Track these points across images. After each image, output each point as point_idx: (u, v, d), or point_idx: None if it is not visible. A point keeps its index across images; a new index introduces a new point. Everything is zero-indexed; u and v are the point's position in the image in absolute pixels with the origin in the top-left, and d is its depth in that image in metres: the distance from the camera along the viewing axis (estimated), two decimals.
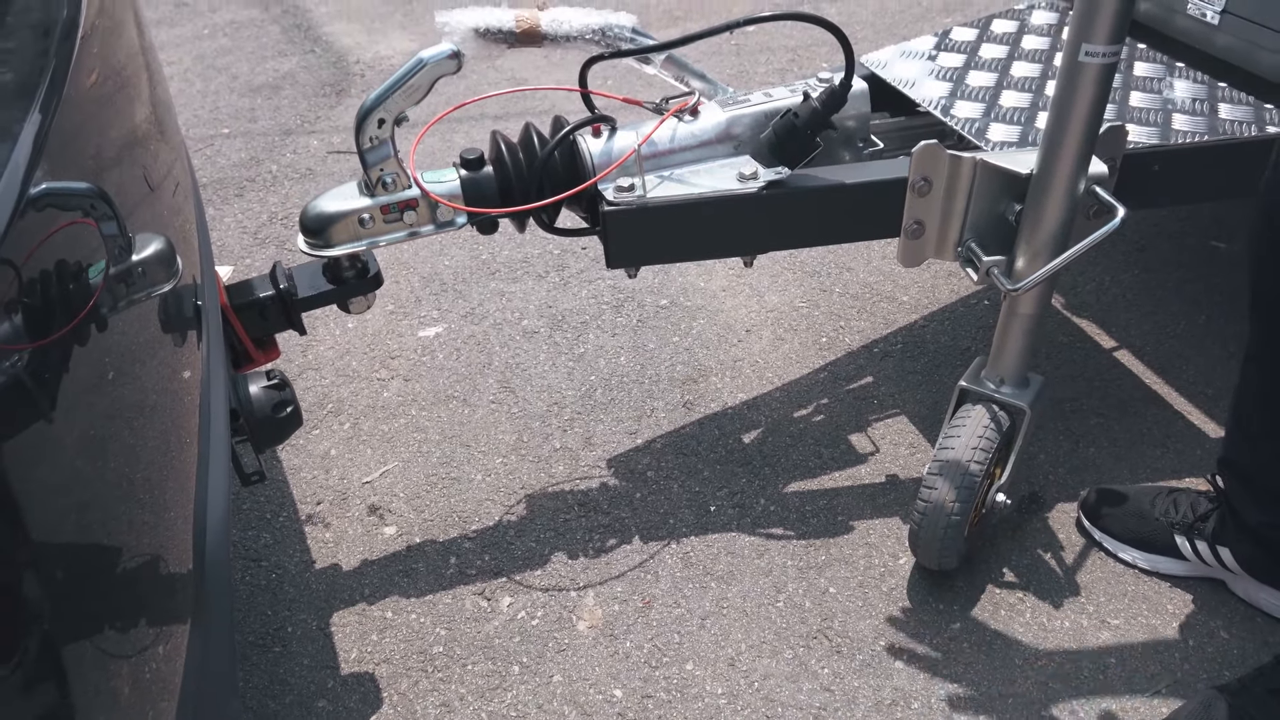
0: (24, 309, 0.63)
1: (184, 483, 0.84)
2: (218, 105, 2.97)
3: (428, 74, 1.17)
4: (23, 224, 0.63)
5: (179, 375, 0.91)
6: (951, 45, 1.66)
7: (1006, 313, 1.33)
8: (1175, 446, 1.67)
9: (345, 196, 1.25)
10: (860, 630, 1.41)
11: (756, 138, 1.33)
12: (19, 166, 0.65)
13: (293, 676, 1.39)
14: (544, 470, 1.69)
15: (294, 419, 1.23)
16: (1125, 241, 2.16)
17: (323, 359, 1.96)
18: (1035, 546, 1.51)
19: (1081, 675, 1.33)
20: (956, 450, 1.32)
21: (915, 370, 1.86)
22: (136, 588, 0.72)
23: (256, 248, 2.31)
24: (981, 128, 1.42)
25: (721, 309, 2.05)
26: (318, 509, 1.64)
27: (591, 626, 1.43)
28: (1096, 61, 1.08)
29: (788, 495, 1.62)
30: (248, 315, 1.32)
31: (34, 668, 0.58)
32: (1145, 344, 1.89)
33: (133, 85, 1.10)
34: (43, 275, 0.66)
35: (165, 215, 1.05)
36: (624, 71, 1.41)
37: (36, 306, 0.65)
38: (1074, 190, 1.19)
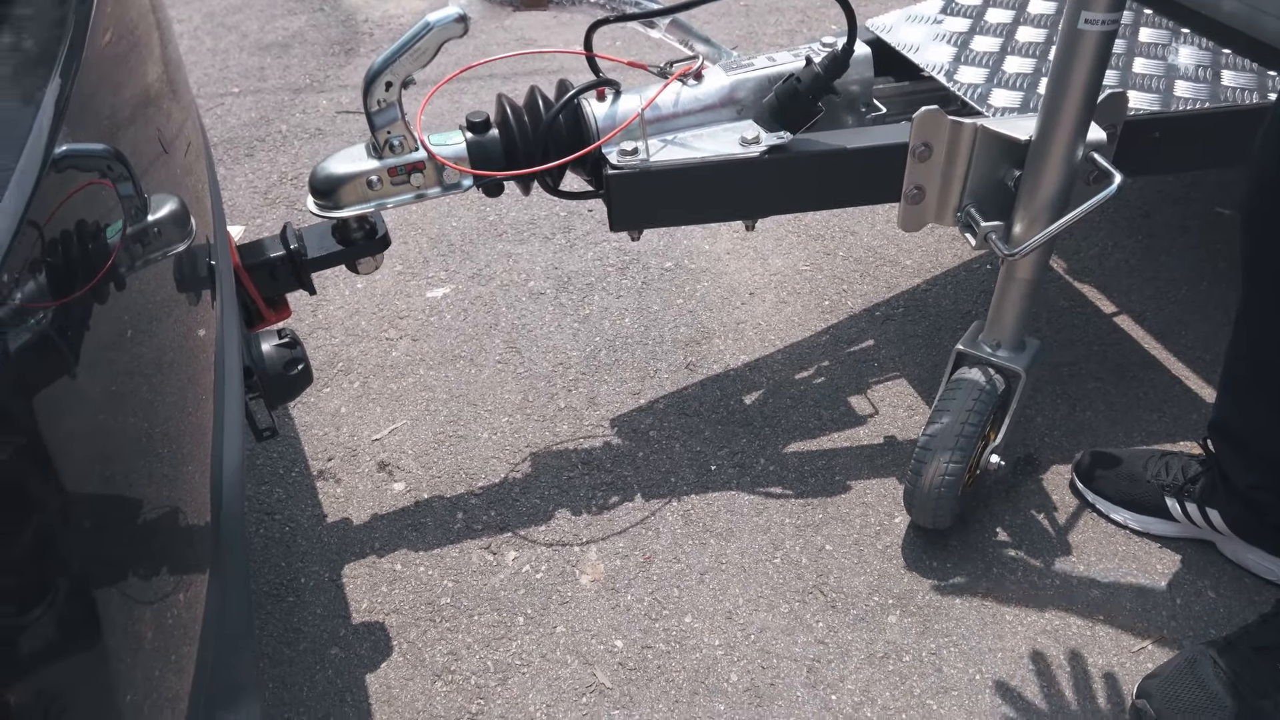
0: (47, 268, 0.65)
1: (201, 437, 0.87)
2: (227, 64, 2.98)
3: (434, 37, 1.19)
4: (47, 186, 0.66)
5: (194, 333, 0.94)
6: (958, 9, 1.66)
7: (1004, 277, 1.35)
8: (1171, 411, 1.69)
9: (353, 159, 1.27)
10: (855, 586, 1.44)
11: (759, 102, 1.35)
12: (43, 131, 0.68)
13: (306, 625, 1.44)
14: (549, 429, 1.73)
15: (305, 376, 1.27)
16: (1130, 207, 2.16)
17: (332, 318, 1.99)
18: (1029, 507, 1.54)
19: (1070, 631, 1.37)
20: (952, 412, 1.35)
21: (916, 334, 1.88)
22: (158, 538, 0.75)
23: (267, 207, 2.33)
24: (984, 93, 1.42)
25: (725, 272, 2.07)
26: (329, 465, 1.68)
27: (594, 580, 1.48)
28: (1096, 29, 1.09)
29: (787, 455, 1.65)
30: (259, 275, 1.35)
31: (64, 613, 0.62)
32: (1146, 309, 1.90)
33: (145, 44, 1.11)
34: (64, 235, 0.69)
35: (179, 175, 1.07)
36: (630, 34, 1.42)
37: (59, 266, 0.67)
38: (1072, 157, 1.21)
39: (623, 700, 1.32)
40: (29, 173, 0.64)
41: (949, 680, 1.32)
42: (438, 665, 1.38)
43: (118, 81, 0.95)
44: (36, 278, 0.64)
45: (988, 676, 1.32)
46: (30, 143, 0.66)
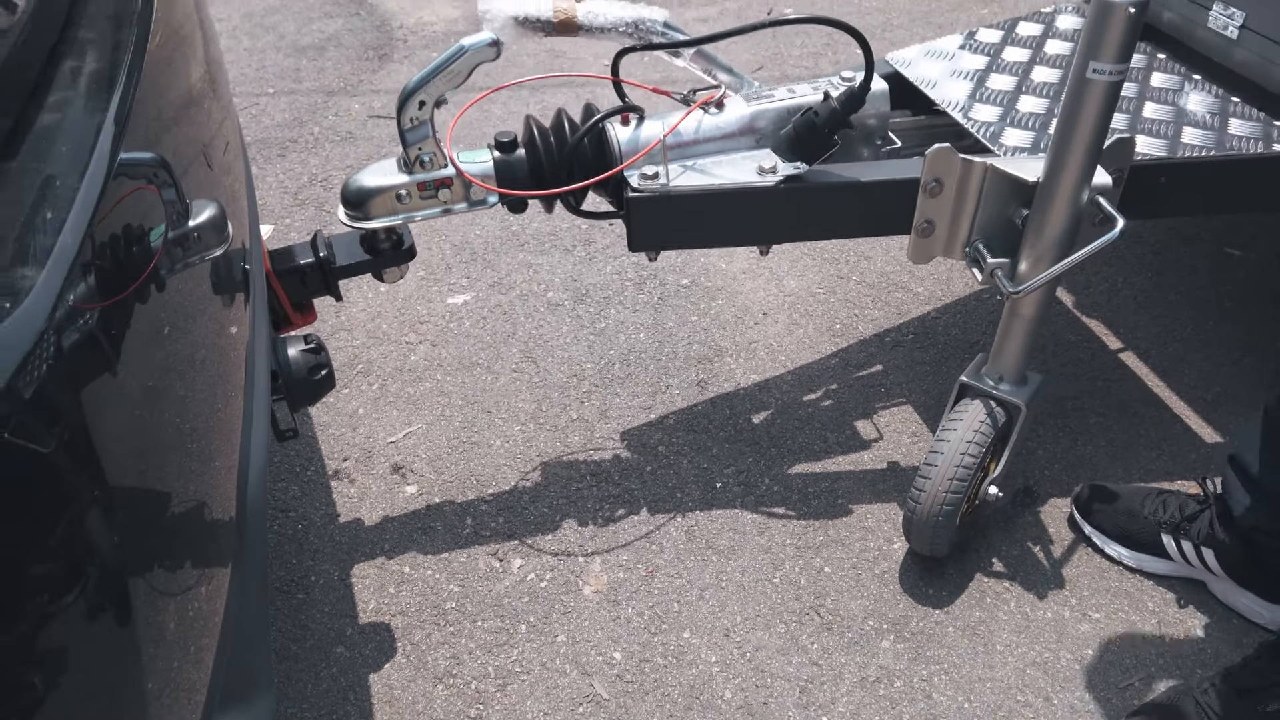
0: (97, 270, 0.70)
1: (230, 435, 0.91)
2: (264, 64, 3.04)
3: (468, 60, 1.23)
4: (107, 195, 0.70)
5: (227, 334, 0.99)
6: (976, 46, 1.69)
7: (1008, 313, 1.38)
8: (1170, 449, 1.71)
9: (384, 172, 1.31)
10: (851, 609, 1.48)
11: (778, 133, 1.38)
12: (106, 144, 0.72)
13: (314, 622, 1.48)
14: (560, 439, 1.77)
15: (328, 381, 1.31)
16: (1141, 244, 2.19)
17: (354, 321, 2.04)
18: (1026, 539, 1.57)
19: (1060, 664, 1.40)
20: (952, 443, 1.38)
21: (924, 361, 1.91)
22: (187, 531, 0.80)
23: (296, 208, 2.39)
24: (996, 132, 1.46)
25: (740, 291, 2.11)
26: (344, 465, 1.73)
27: (596, 591, 1.51)
28: (1103, 79, 1.12)
29: (791, 476, 1.68)
30: (289, 280, 1.40)
31: (96, 600, 0.66)
32: (1151, 346, 1.93)
33: (189, 44, 1.15)
34: (112, 239, 0.74)
35: (217, 175, 1.12)
36: (655, 60, 1.46)
37: (108, 268, 0.72)
38: (1078, 200, 1.24)
39: (618, 712, 1.36)
40: (94, 185, 0.68)
41: (938, 708, 1.35)
42: (440, 668, 1.42)
43: (164, 84, 0.99)
44: (88, 279, 0.69)
45: (976, 706, 1.35)
46: (95, 156, 0.71)
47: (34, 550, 0.62)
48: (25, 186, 0.69)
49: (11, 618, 0.59)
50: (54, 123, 0.76)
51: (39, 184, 0.70)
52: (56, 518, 0.64)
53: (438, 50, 3.14)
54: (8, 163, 0.71)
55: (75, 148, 0.74)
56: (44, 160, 0.72)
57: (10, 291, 0.60)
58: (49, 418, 0.62)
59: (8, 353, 0.58)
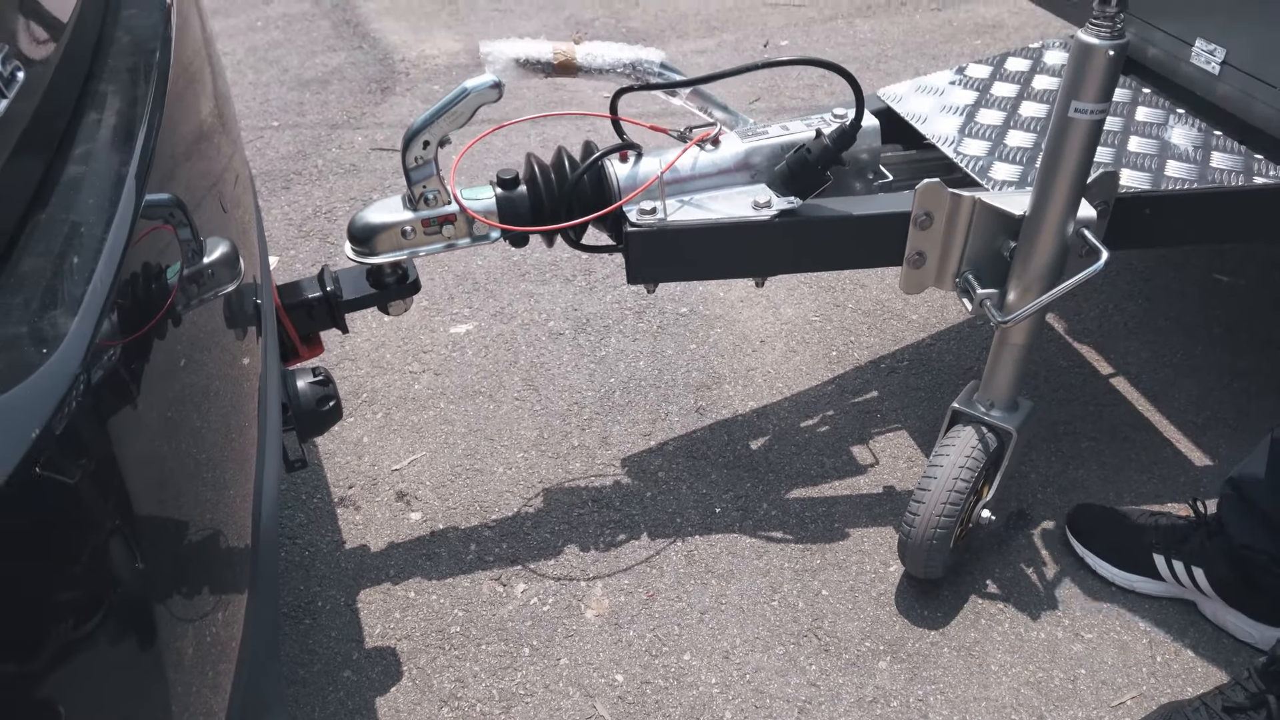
0: (119, 309, 0.73)
1: (244, 465, 0.95)
2: (268, 98, 3.10)
3: (471, 102, 1.27)
4: (132, 241, 0.74)
5: (240, 366, 1.03)
6: (966, 81, 1.74)
7: (998, 342, 1.42)
8: (1160, 473, 1.75)
9: (390, 209, 1.36)
10: (848, 631, 1.50)
11: (772, 168, 1.43)
12: (130, 195, 0.76)
13: (321, 647, 1.51)
14: (562, 466, 1.80)
15: (336, 412, 1.35)
16: (1131, 271, 2.23)
17: (359, 350, 2.08)
18: (1019, 561, 1.60)
19: (1053, 684, 1.43)
20: (945, 468, 1.41)
21: (919, 387, 1.95)
22: (205, 559, 0.83)
23: (301, 240, 2.43)
24: (985, 166, 1.50)
25: (738, 319, 2.15)
26: (349, 493, 1.76)
27: (598, 615, 1.54)
28: (1085, 118, 1.17)
29: (789, 501, 1.72)
30: (297, 314, 1.44)
31: (121, 626, 0.69)
32: (1142, 371, 1.97)
33: (199, 80, 1.19)
34: (134, 282, 0.78)
35: (228, 210, 1.15)
36: (653, 96, 1.50)
37: (132, 309, 0.76)
38: (1063, 232, 1.28)
39: None
40: (120, 233, 0.72)
41: None
42: (445, 692, 1.44)
43: (179, 123, 1.03)
44: (114, 320, 0.72)
45: None
46: (120, 207, 0.75)
47: (63, 578, 0.65)
48: (56, 236, 0.73)
49: (41, 643, 0.62)
50: (80, 174, 0.80)
51: (69, 234, 0.73)
52: (82, 547, 0.67)
53: (439, 83, 3.20)
54: (39, 214, 0.75)
55: (101, 199, 0.78)
56: (72, 211, 0.76)
57: (46, 337, 0.64)
58: (76, 451, 0.66)
59: (45, 396, 0.61)
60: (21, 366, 0.59)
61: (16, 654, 0.58)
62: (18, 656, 0.58)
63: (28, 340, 0.61)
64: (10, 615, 0.57)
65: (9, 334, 0.61)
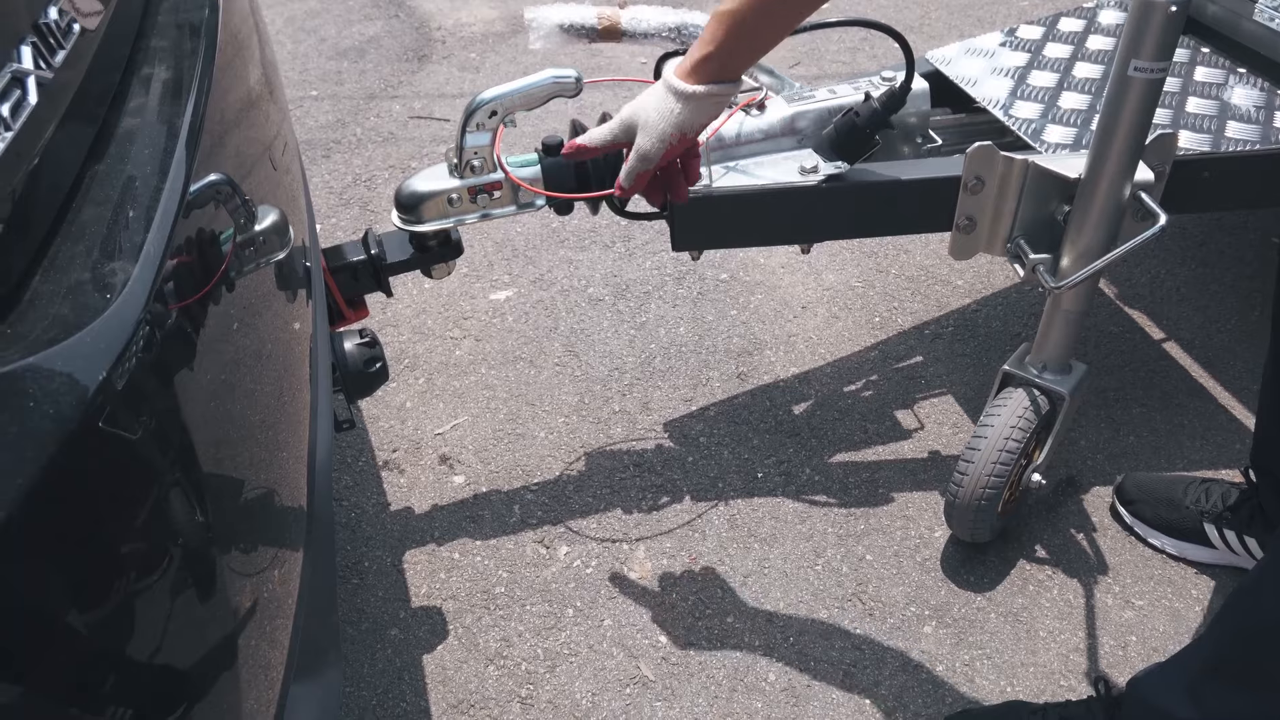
0: (177, 269, 0.74)
1: (299, 425, 0.96)
2: (306, 67, 3.11)
3: (549, 89, 1.25)
4: (187, 196, 0.75)
5: (291, 329, 1.04)
6: (1017, 43, 1.70)
7: (1051, 307, 1.40)
8: (1214, 439, 1.72)
9: (436, 177, 1.35)
10: (893, 596, 1.50)
11: (819, 133, 1.41)
12: (183, 149, 0.77)
13: (369, 606, 1.53)
14: (603, 431, 1.80)
15: (382, 374, 1.36)
16: (1185, 236, 2.18)
17: (401, 316, 2.10)
18: (1068, 527, 1.58)
19: (1102, 651, 1.42)
20: (995, 429, 1.40)
21: (965, 353, 1.93)
22: (262, 517, 0.84)
23: (341, 208, 2.45)
24: (1038, 129, 1.47)
25: (779, 285, 2.13)
26: (393, 456, 1.78)
27: (641, 577, 1.55)
28: (1144, 76, 1.14)
29: (832, 466, 1.71)
30: (342, 277, 1.45)
31: (182, 581, 0.70)
32: (1195, 337, 1.93)
33: (247, 48, 1.20)
34: (189, 241, 0.78)
35: (278, 176, 1.16)
36: None
37: (187, 268, 0.76)
38: (1120, 195, 1.25)
39: (664, 693, 1.39)
40: (176, 186, 0.73)
41: (981, 691, 1.37)
42: (491, 650, 1.46)
43: (228, 89, 1.04)
44: (171, 277, 0.73)
45: (1019, 690, 1.37)
46: (175, 160, 0.75)
47: (127, 529, 0.66)
48: (114, 187, 0.73)
49: (109, 593, 0.63)
50: (135, 127, 0.81)
51: (126, 185, 0.74)
52: (145, 499, 0.68)
53: (476, 51, 3.19)
54: (97, 164, 0.75)
55: (157, 151, 0.79)
56: (128, 163, 0.76)
57: (108, 285, 0.64)
58: (139, 399, 0.66)
59: (107, 343, 0.62)
60: (87, 311, 0.59)
61: (85, 603, 0.60)
62: (86, 606, 0.60)
63: (91, 286, 0.62)
64: (79, 564, 0.58)
65: (74, 280, 0.62)
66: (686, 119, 1.07)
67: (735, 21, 0.98)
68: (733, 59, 1.03)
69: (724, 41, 1.00)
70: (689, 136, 1.09)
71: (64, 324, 0.57)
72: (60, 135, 0.68)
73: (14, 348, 0.55)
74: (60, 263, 0.63)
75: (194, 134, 0.83)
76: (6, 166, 0.60)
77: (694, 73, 1.03)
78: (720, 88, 1.04)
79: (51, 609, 0.54)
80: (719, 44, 1.00)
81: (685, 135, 1.09)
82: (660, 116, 1.07)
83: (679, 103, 1.05)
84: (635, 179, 1.14)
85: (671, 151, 1.10)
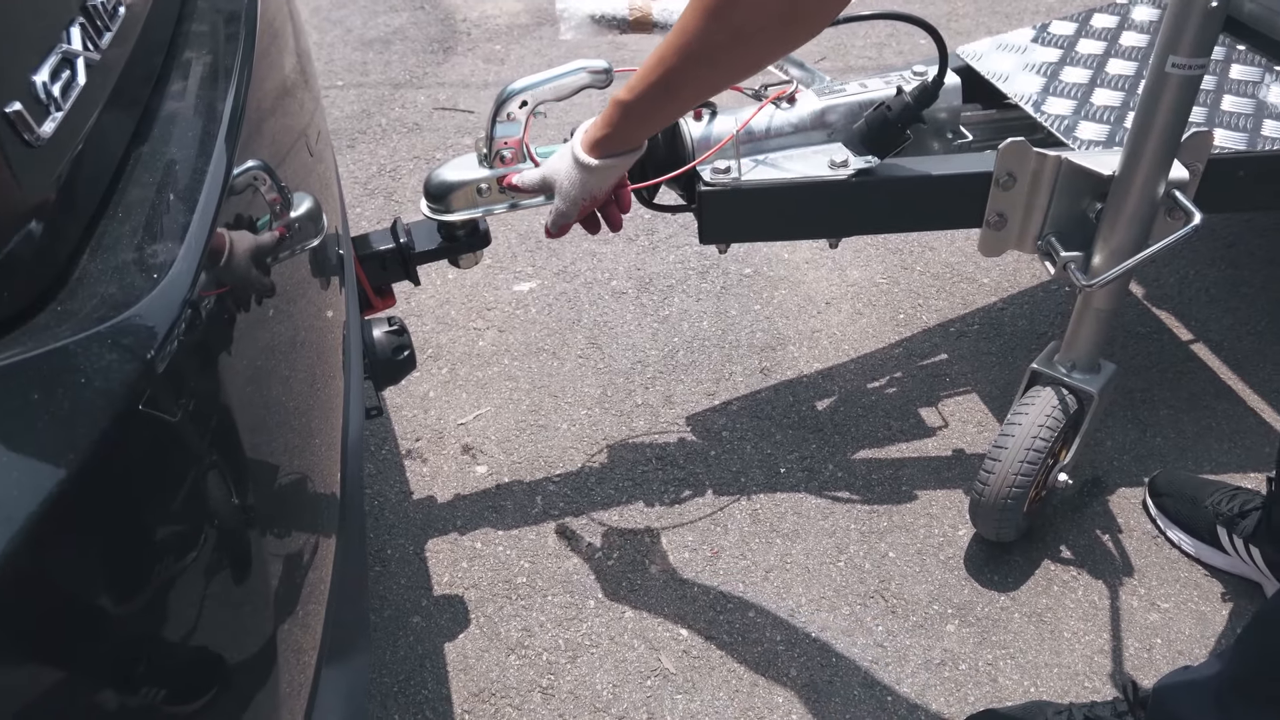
0: (217, 254, 0.74)
1: (332, 411, 0.97)
2: (332, 58, 3.12)
3: (579, 80, 1.25)
4: (229, 181, 0.75)
5: (324, 317, 1.04)
6: (1049, 39, 1.69)
7: (1081, 305, 1.39)
8: (1243, 443, 1.70)
9: (465, 167, 1.35)
10: (916, 594, 1.50)
11: (849, 127, 1.40)
12: (224, 133, 0.77)
13: (391, 594, 1.54)
14: (625, 424, 1.80)
15: (410, 362, 1.36)
16: (1214, 237, 2.16)
17: (424, 307, 2.10)
18: (1094, 528, 1.57)
19: (1127, 653, 1.41)
20: (1023, 427, 1.39)
21: (990, 351, 1.92)
22: (297, 501, 0.85)
23: (366, 198, 2.45)
24: (1070, 125, 1.46)
25: (803, 281, 2.13)
26: (416, 445, 1.79)
27: (662, 570, 1.55)
28: (1182, 73, 1.12)
29: (855, 463, 1.71)
30: (370, 265, 1.45)
31: (223, 563, 0.71)
32: (1223, 339, 1.91)
33: (282, 36, 1.20)
34: (230, 226, 0.79)
35: (311, 163, 1.17)
36: None
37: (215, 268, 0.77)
38: (1154, 193, 1.24)
39: (685, 685, 1.40)
40: (219, 169, 0.73)
41: (1004, 691, 1.37)
42: (512, 640, 1.47)
43: (264, 75, 1.04)
44: (212, 250, 0.73)
45: (1042, 691, 1.37)
46: (219, 143, 0.75)
47: (167, 509, 0.66)
48: (158, 168, 0.74)
49: (154, 577, 0.63)
50: (177, 110, 0.81)
51: (168, 167, 0.74)
52: (184, 480, 0.68)
53: (501, 43, 3.19)
54: (141, 146, 0.76)
55: (200, 134, 0.79)
56: (172, 145, 0.77)
57: (154, 266, 0.64)
58: (183, 387, 0.67)
59: (155, 323, 0.62)
60: (135, 290, 0.60)
61: (133, 582, 0.60)
62: (134, 585, 0.60)
63: (138, 267, 0.62)
64: (131, 539, 0.58)
65: (121, 260, 0.62)
66: (593, 185, 1.18)
67: (628, 110, 1.06)
68: (629, 138, 1.12)
69: (620, 124, 1.09)
70: (599, 197, 1.21)
71: (113, 303, 0.58)
72: (107, 116, 0.69)
73: (65, 325, 0.56)
74: (108, 242, 0.63)
75: (235, 119, 0.83)
76: (58, 145, 0.60)
77: (596, 147, 1.13)
78: (619, 159, 1.15)
79: (101, 587, 0.54)
80: (614, 127, 1.10)
81: (595, 196, 1.20)
82: (570, 184, 1.18)
83: (583, 173, 1.16)
84: (559, 229, 1.27)
85: (586, 208, 1.22)
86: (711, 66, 0.96)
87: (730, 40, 0.92)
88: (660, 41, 0.97)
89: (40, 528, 0.48)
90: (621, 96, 1.06)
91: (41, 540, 0.49)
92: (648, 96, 1.03)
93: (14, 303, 0.56)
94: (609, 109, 1.09)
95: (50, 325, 0.56)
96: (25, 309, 0.56)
